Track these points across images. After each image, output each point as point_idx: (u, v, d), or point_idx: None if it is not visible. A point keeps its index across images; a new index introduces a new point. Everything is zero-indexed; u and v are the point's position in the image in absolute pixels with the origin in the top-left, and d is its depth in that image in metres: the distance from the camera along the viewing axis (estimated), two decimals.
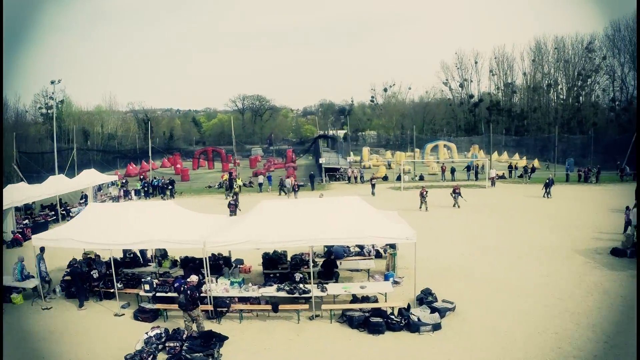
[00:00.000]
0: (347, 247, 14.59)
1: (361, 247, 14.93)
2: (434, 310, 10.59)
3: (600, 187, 32.72)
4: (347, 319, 10.61)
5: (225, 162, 49.67)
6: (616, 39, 56.09)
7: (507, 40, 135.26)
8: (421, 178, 36.09)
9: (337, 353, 9.48)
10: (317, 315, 11.00)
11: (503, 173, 37.00)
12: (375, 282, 12.38)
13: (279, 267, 13.61)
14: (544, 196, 27.58)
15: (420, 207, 23.85)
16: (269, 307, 11.19)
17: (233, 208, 21.79)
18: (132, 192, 30.90)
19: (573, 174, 36.14)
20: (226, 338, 9.88)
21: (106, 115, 63.25)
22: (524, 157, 51.58)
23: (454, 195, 24.34)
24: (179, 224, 12.34)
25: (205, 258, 11.31)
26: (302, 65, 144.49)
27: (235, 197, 25.16)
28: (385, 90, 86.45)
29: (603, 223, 20.04)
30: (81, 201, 26.66)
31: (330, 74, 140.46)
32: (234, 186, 30.04)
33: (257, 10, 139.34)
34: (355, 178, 34.08)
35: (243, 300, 11.42)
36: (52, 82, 37.66)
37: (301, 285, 11.51)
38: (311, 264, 11.98)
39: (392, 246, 13.83)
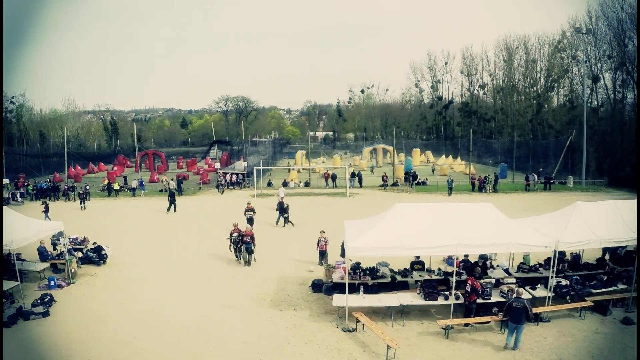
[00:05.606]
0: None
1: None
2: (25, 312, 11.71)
3: (493, 197, 29.36)
4: None
5: (162, 165, 51.16)
6: (575, 38, 52.71)
7: (490, 41, 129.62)
8: (307, 184, 35.63)
9: None
10: None
11: (396, 180, 35.96)
12: None
13: None
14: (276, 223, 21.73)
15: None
16: None
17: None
18: (18, 195, 32.75)
19: (462, 184, 34.58)
20: None
21: (70, 117, 66.48)
22: (463, 161, 49.71)
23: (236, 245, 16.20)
24: None
25: None
26: (301, 66, 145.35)
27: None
28: (363, 91, 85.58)
29: None
30: None
31: (329, 75, 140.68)
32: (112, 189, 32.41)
33: (258, 10, 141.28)
34: (224, 185, 33.14)
35: None
36: None
37: None
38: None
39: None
